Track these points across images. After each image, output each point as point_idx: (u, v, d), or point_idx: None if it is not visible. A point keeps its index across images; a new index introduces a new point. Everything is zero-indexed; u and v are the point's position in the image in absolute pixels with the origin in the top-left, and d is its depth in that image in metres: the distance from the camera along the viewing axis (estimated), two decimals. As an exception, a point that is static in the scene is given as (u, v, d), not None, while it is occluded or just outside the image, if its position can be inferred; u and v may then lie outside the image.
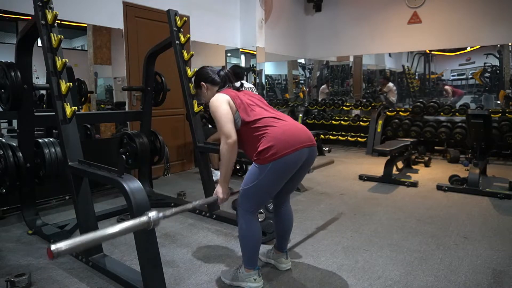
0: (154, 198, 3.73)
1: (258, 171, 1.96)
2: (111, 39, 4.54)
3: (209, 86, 2.28)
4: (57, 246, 1.32)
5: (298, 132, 2.02)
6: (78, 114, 2.53)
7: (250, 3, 6.25)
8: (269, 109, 2.15)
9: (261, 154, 1.93)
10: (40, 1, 2.42)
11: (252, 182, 1.99)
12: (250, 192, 2.01)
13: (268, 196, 2.09)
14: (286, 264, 2.33)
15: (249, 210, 2.05)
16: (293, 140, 1.95)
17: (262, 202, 2.13)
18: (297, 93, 8.50)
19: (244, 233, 2.06)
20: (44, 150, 2.78)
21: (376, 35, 7.37)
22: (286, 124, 2.02)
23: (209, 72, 2.30)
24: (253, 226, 2.06)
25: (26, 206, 3.06)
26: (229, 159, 1.99)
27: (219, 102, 2.06)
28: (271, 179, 1.97)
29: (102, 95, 4.86)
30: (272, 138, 1.93)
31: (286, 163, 1.94)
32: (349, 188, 4.30)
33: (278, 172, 1.95)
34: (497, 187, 4.20)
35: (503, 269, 2.31)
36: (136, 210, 1.91)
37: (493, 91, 6.50)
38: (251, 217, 2.06)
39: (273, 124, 2.00)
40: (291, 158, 1.94)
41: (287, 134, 1.96)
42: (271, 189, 2.03)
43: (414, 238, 2.81)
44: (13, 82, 2.67)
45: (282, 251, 2.35)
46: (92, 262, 2.33)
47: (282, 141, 1.93)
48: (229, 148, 1.96)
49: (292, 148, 1.93)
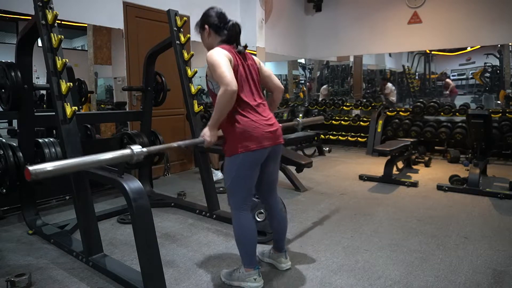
0: (154, 198, 3.73)
1: (231, 166, 2.03)
2: (111, 39, 4.54)
3: (212, 32, 2.12)
4: (35, 168, 1.48)
5: (268, 130, 2.03)
6: (78, 114, 2.52)
7: (250, 3, 6.24)
8: (256, 95, 2.09)
9: (230, 142, 2.01)
10: (40, 1, 2.42)
11: (229, 179, 2.05)
12: (232, 188, 2.07)
13: (250, 188, 2.09)
14: (286, 264, 2.33)
15: (238, 207, 2.08)
16: (261, 138, 1.99)
17: (248, 195, 2.11)
18: (297, 93, 8.50)
19: (238, 234, 2.09)
20: (44, 150, 2.78)
21: (376, 35, 7.37)
22: (260, 120, 2.02)
23: (217, 17, 2.11)
24: (246, 226, 2.07)
25: (26, 206, 3.06)
26: (225, 107, 1.89)
27: (220, 55, 1.94)
28: (243, 171, 2.02)
29: (102, 95, 4.87)
30: (242, 130, 1.97)
31: (253, 157, 1.99)
32: (349, 188, 4.30)
33: (247, 164, 2.00)
34: (497, 187, 4.19)
35: (503, 269, 2.31)
36: (136, 210, 1.91)
37: (493, 91, 6.51)
38: (244, 215, 2.08)
39: (248, 115, 2.00)
40: (257, 154, 1.99)
41: (256, 132, 1.98)
42: (248, 181, 2.06)
43: (414, 238, 2.81)
44: (13, 82, 2.68)
45: (281, 251, 2.34)
46: (92, 262, 2.33)
47: (250, 136, 1.97)
48: (227, 97, 1.85)
49: (258, 145, 1.98)
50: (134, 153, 1.81)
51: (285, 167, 4.30)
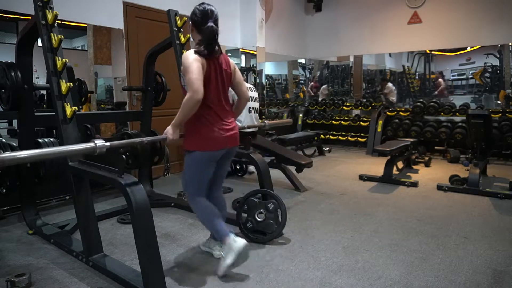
0: (154, 198, 3.73)
1: (189, 160, 2.27)
2: (111, 39, 4.53)
3: (194, 29, 2.24)
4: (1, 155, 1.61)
5: (226, 135, 2.23)
6: (78, 114, 2.52)
7: (250, 3, 6.25)
8: (222, 100, 2.25)
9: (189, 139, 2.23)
10: (40, 1, 2.42)
11: (186, 171, 2.31)
12: (188, 179, 2.31)
13: (205, 181, 2.32)
14: (220, 253, 2.39)
15: (194, 194, 2.32)
16: (217, 140, 2.21)
17: (202, 186, 2.33)
18: (297, 93, 8.50)
19: (200, 215, 2.34)
20: (44, 150, 2.77)
21: (376, 35, 7.37)
22: (220, 124, 2.21)
23: (200, 15, 2.19)
24: (203, 206, 2.32)
25: (26, 206, 3.06)
26: (190, 111, 2.08)
27: (192, 59, 2.09)
28: (198, 167, 2.26)
29: (102, 95, 4.86)
30: (202, 132, 2.18)
31: (208, 156, 2.23)
32: (349, 188, 4.30)
33: (202, 162, 2.24)
34: (497, 187, 4.19)
35: (503, 269, 2.31)
36: (136, 210, 1.91)
37: (493, 91, 6.50)
38: (199, 199, 2.32)
39: (211, 119, 2.19)
40: (211, 154, 2.23)
41: (214, 135, 2.19)
42: (203, 175, 2.29)
43: (414, 238, 2.81)
44: (13, 82, 2.68)
45: (217, 239, 2.45)
46: (92, 262, 2.33)
47: (208, 138, 2.19)
48: (193, 102, 2.04)
49: (214, 147, 2.21)
50: (97, 146, 1.94)
51: (285, 167, 4.30)
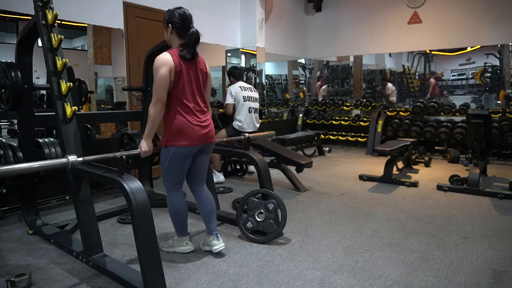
0: (154, 198, 3.73)
1: (165, 155, 2.33)
2: (111, 39, 4.53)
3: (174, 32, 2.31)
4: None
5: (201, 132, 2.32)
6: (78, 114, 2.52)
7: (250, 3, 6.24)
8: (198, 98, 2.33)
9: (166, 135, 2.30)
10: (40, 1, 2.42)
11: (163, 165, 2.36)
12: (165, 173, 2.38)
13: (181, 175, 2.41)
14: (219, 245, 2.50)
15: (170, 188, 2.41)
16: (193, 137, 2.29)
17: (178, 180, 2.43)
18: (297, 93, 8.50)
19: (171, 209, 2.43)
20: (44, 150, 2.77)
21: (376, 35, 7.37)
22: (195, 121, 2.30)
23: (180, 20, 2.27)
24: (176, 202, 2.42)
25: (26, 206, 3.06)
26: (156, 119, 2.23)
27: (161, 64, 2.20)
28: (174, 162, 2.32)
29: (102, 95, 4.86)
30: (177, 128, 2.26)
31: (182, 151, 2.29)
32: (349, 188, 4.30)
33: (177, 157, 2.30)
34: (497, 187, 4.20)
35: (503, 269, 2.31)
36: (136, 210, 1.91)
37: (494, 91, 6.50)
38: (175, 194, 2.42)
39: (186, 116, 2.27)
40: (186, 150, 2.30)
41: (189, 131, 2.27)
42: (178, 170, 2.37)
43: (414, 238, 2.81)
44: (13, 82, 2.67)
45: (212, 233, 2.53)
46: (92, 262, 2.33)
47: (184, 135, 2.26)
48: (158, 110, 2.22)
49: (189, 143, 2.28)
50: (69, 162, 1.99)
51: (285, 167, 4.30)
